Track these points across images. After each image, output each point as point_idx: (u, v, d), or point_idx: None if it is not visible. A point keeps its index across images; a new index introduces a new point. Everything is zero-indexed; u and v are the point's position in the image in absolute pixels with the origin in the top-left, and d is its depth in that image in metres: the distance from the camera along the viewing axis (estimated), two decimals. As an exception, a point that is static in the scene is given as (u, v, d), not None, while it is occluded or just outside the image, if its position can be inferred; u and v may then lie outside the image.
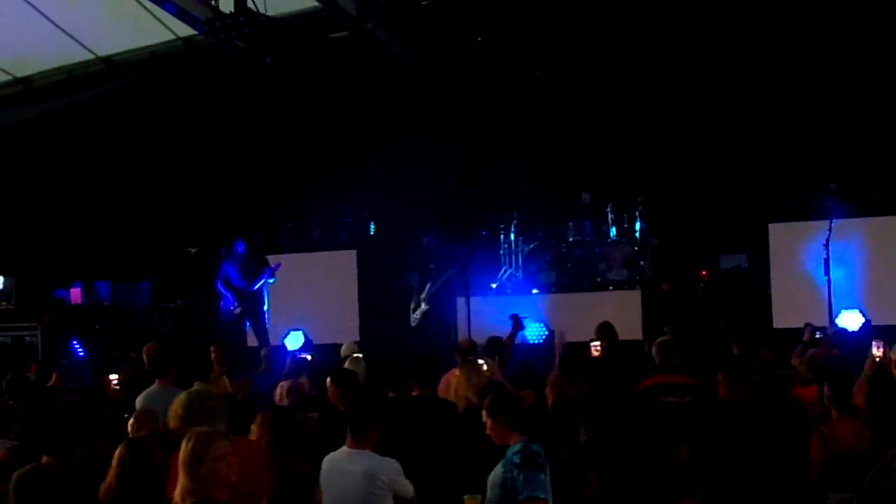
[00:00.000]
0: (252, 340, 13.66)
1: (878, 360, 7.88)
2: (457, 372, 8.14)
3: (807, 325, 9.76)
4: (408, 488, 5.91)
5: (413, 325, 13.68)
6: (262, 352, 11.94)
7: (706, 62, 14.20)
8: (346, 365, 9.13)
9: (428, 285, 13.52)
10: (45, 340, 14.64)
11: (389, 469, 5.88)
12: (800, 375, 8.42)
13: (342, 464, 5.94)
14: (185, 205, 16.26)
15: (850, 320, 11.63)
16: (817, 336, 9.40)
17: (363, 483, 5.82)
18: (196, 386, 7.11)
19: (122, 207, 16.25)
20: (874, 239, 12.73)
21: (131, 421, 6.79)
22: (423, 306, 13.49)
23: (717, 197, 14.78)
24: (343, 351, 10.95)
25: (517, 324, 10.96)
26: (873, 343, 8.19)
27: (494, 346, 9.73)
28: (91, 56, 15.11)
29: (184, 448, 4.84)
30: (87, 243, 16.33)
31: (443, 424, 7.21)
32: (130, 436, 6.60)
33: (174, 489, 4.83)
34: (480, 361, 8.57)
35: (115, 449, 5.41)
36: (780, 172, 14.10)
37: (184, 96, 15.12)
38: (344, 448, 5.98)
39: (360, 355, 9.94)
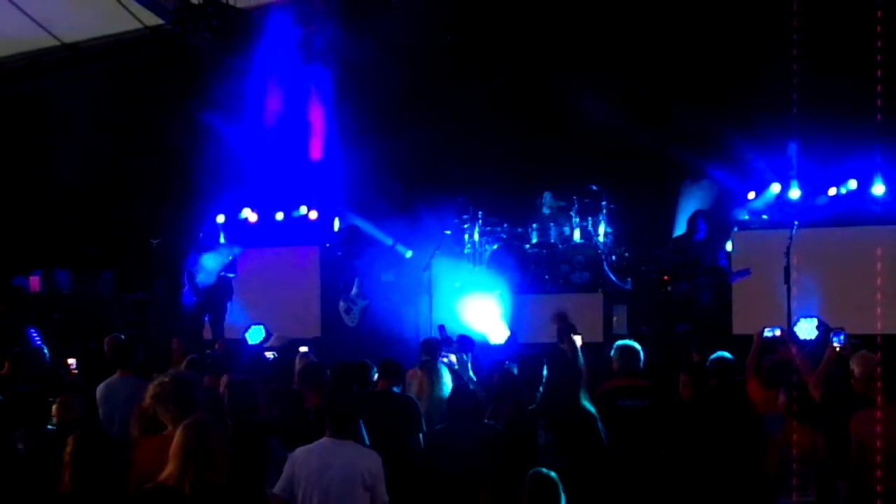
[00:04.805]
0: (208, 334, 13.57)
1: (837, 349, 7.96)
2: (418, 371, 8.18)
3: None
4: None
5: (351, 325, 13.70)
6: (217, 345, 11.81)
7: (669, 64, 14.33)
8: (298, 361, 9.13)
9: (356, 280, 13.56)
10: (1, 328, 14.46)
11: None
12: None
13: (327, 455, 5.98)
14: (149, 195, 16.12)
15: (809, 328, 11.74)
16: (772, 335, 9.30)
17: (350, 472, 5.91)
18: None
19: (85, 196, 16.10)
20: (835, 248, 12.88)
21: (56, 407, 6.81)
22: (360, 303, 13.52)
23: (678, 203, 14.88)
24: (272, 342, 11.08)
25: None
26: (832, 334, 8.28)
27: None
28: (56, 43, 14.98)
29: (185, 434, 4.82)
30: (48, 231, 16.16)
31: (403, 417, 7.41)
32: (56, 420, 6.62)
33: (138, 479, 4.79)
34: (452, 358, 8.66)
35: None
36: (744, 178, 14.23)
37: (150, 85, 15.00)
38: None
39: (305, 349, 10.06)
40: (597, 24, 14.33)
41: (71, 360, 9.74)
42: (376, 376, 7.99)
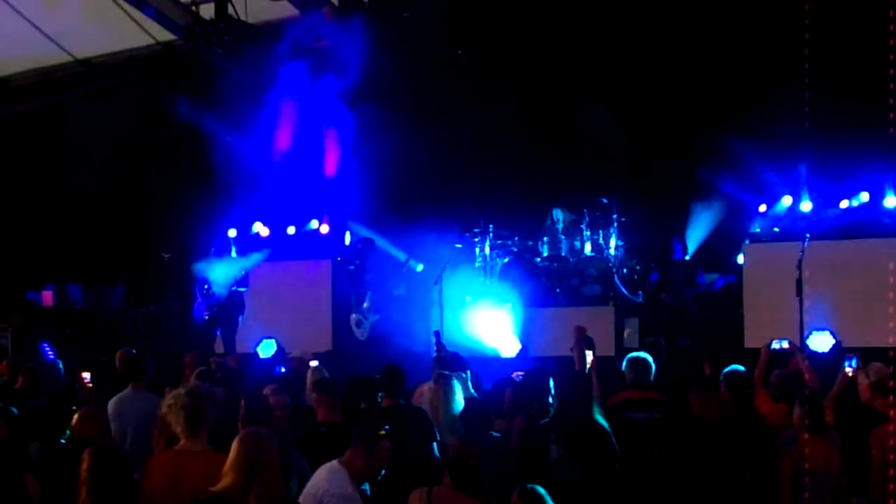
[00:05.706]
0: (220, 348, 13.57)
1: (849, 375, 7.96)
2: (432, 385, 8.17)
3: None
4: None
5: (361, 339, 13.74)
6: (230, 359, 11.81)
7: (679, 77, 14.32)
8: (309, 375, 9.13)
9: (369, 294, 13.60)
10: (14, 342, 14.53)
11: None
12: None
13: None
14: (160, 209, 16.17)
15: (821, 341, 11.71)
16: (780, 347, 9.29)
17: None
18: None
19: (97, 210, 16.15)
20: (847, 261, 12.83)
21: (75, 418, 6.95)
22: (371, 317, 13.57)
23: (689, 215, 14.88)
24: (295, 353, 11.12)
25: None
26: (846, 360, 8.28)
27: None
28: (69, 58, 15.05)
29: (245, 445, 4.83)
30: (61, 246, 16.21)
31: (416, 429, 7.38)
32: (75, 434, 6.68)
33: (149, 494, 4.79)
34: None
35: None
36: (756, 190, 14.22)
37: (162, 100, 15.06)
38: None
39: (316, 363, 10.06)
40: (609, 39, 14.33)
41: (85, 374, 9.80)
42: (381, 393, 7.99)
